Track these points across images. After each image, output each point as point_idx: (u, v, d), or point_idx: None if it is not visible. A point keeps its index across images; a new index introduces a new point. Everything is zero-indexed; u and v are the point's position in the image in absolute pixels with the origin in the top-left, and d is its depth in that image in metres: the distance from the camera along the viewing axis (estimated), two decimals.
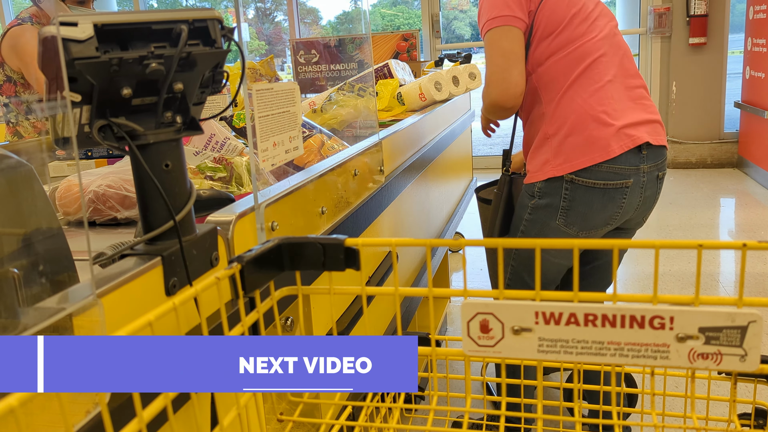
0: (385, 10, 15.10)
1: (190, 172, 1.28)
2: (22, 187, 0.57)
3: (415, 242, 0.57)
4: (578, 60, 1.50)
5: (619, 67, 1.54)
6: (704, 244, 0.49)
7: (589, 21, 1.52)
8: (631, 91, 1.54)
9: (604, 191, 1.48)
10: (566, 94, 1.50)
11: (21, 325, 0.48)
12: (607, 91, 1.49)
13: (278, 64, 5.60)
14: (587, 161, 1.46)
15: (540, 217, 1.57)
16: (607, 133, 1.46)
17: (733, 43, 5.81)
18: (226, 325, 0.54)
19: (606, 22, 1.57)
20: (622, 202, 1.50)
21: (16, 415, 0.32)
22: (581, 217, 1.51)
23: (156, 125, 0.63)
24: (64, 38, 0.53)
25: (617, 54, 1.55)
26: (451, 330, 2.87)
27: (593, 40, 1.51)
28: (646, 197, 1.54)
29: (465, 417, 0.70)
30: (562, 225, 1.54)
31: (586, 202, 1.49)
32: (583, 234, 1.54)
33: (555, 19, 1.50)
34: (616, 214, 1.52)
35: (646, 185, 1.52)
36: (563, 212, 1.52)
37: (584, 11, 1.52)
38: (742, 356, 0.48)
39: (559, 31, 1.50)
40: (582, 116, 1.48)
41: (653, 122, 1.54)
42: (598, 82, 1.49)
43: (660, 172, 1.55)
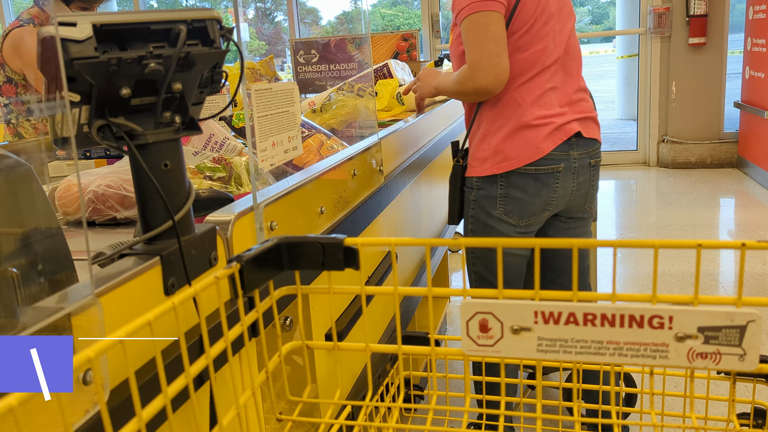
0: (385, 10, 15.10)
1: (189, 172, 1.28)
2: (21, 187, 0.57)
3: (415, 242, 0.57)
4: (530, 66, 1.56)
5: (564, 72, 1.61)
6: (703, 244, 0.49)
7: (547, 27, 1.56)
8: (572, 95, 1.63)
9: (536, 177, 1.56)
10: (513, 97, 1.57)
11: (20, 324, 0.48)
12: (549, 98, 1.57)
13: (278, 64, 5.60)
14: (523, 160, 1.55)
15: (482, 211, 1.63)
16: (542, 134, 1.55)
17: (733, 43, 5.81)
18: (225, 324, 0.54)
19: (563, 25, 1.60)
20: (556, 186, 1.58)
21: (15, 415, 0.32)
22: (519, 205, 1.58)
23: (155, 125, 0.63)
24: (63, 38, 0.53)
25: (564, 58, 1.61)
26: (450, 330, 2.87)
27: (546, 48, 1.56)
28: (579, 183, 1.61)
29: (464, 417, 0.70)
30: (502, 214, 1.60)
31: (521, 188, 1.57)
32: (523, 222, 1.61)
33: (522, 19, 1.53)
34: (552, 199, 1.59)
35: (578, 171, 1.60)
36: (501, 201, 1.59)
37: (546, 14, 1.55)
38: (741, 356, 0.48)
39: (523, 33, 1.54)
40: (521, 120, 1.55)
41: (586, 119, 1.63)
42: (542, 88, 1.56)
43: (592, 159, 1.63)
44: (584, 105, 1.65)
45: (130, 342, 0.60)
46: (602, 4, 38.46)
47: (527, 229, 1.62)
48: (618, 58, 8.65)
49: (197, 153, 1.34)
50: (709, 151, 5.69)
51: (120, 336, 0.40)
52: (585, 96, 1.66)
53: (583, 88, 1.67)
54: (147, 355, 0.63)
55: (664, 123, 5.81)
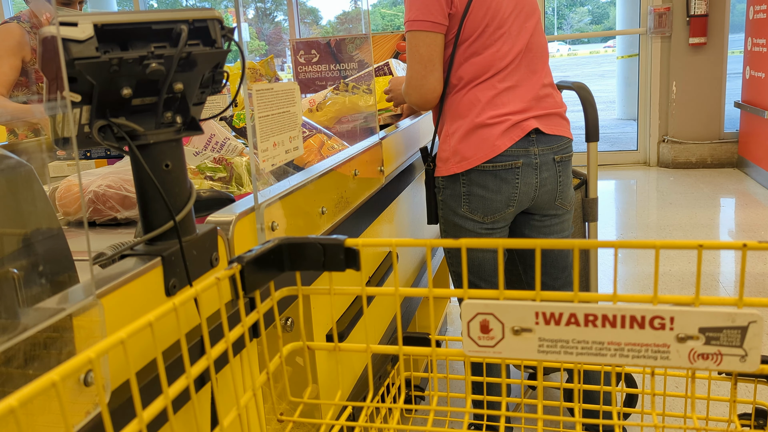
0: (385, 10, 15.09)
1: (190, 172, 1.28)
2: (22, 188, 0.57)
3: (415, 242, 0.57)
4: (484, 69, 1.58)
5: (527, 70, 1.63)
6: (704, 245, 0.49)
7: (502, 29, 1.58)
8: (538, 91, 1.64)
9: (495, 173, 1.58)
10: (469, 99, 1.59)
11: (21, 325, 0.48)
12: (506, 97, 1.59)
13: (278, 64, 5.61)
14: (480, 159, 1.57)
15: (449, 210, 1.66)
16: (498, 132, 1.57)
17: (733, 43, 5.81)
18: (226, 325, 0.54)
19: (522, 25, 1.62)
20: (516, 182, 1.59)
21: (16, 415, 0.32)
22: (482, 202, 1.60)
23: (156, 125, 0.63)
24: (64, 38, 0.53)
25: (526, 58, 1.63)
26: (451, 330, 2.87)
27: (501, 50, 1.58)
28: (543, 178, 1.62)
29: (465, 417, 0.70)
30: (467, 212, 1.62)
31: (482, 185, 1.59)
32: (489, 219, 1.62)
33: (471, 26, 1.56)
34: (514, 194, 1.60)
35: (541, 167, 1.61)
36: (465, 198, 1.61)
37: (499, 18, 1.57)
38: (743, 356, 0.48)
39: (474, 38, 1.57)
40: (475, 121, 1.58)
41: (550, 115, 1.64)
42: (497, 89, 1.59)
43: (556, 156, 1.64)
44: (549, 101, 1.66)
45: (131, 343, 0.60)
46: (602, 4, 38.44)
47: (494, 225, 1.64)
48: (618, 58, 8.65)
49: (198, 153, 1.35)
50: (710, 151, 5.69)
51: (121, 337, 0.40)
52: (551, 91, 1.68)
53: (548, 83, 1.68)
54: (148, 356, 0.63)
55: (664, 123, 5.81)
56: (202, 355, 0.52)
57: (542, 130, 1.60)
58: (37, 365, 0.48)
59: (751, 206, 4.44)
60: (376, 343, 1.41)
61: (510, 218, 1.66)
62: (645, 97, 5.89)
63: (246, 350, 0.69)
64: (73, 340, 0.51)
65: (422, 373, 0.83)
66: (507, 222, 1.66)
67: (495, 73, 1.59)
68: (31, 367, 0.48)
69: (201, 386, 0.70)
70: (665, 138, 5.82)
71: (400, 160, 1.69)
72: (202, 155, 1.34)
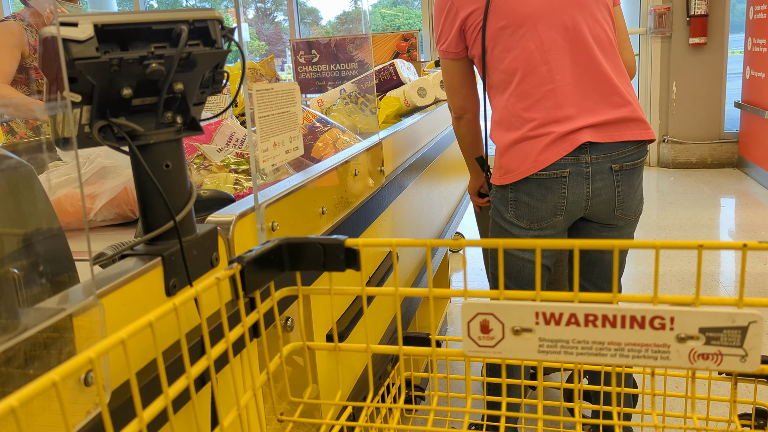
0: (385, 10, 15.10)
1: (215, 167, 1.32)
2: (22, 188, 0.57)
3: (416, 242, 0.57)
4: (510, 73, 1.53)
5: (573, 67, 1.50)
6: (704, 245, 0.49)
7: (521, 30, 1.49)
8: (588, 92, 1.51)
9: (540, 182, 1.53)
10: (505, 107, 1.56)
11: (21, 325, 0.48)
12: (548, 101, 1.49)
13: (278, 65, 5.61)
14: (522, 173, 1.53)
15: (498, 214, 1.64)
16: (541, 143, 1.50)
17: (733, 43, 5.81)
18: (226, 325, 0.54)
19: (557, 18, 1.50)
20: (563, 192, 1.52)
21: (16, 415, 0.32)
22: (528, 209, 1.57)
23: (156, 125, 0.63)
24: (65, 38, 0.53)
25: (571, 53, 1.50)
26: (451, 330, 2.87)
27: (526, 51, 1.50)
28: (596, 188, 1.52)
29: (465, 417, 0.70)
30: (514, 218, 1.60)
31: (528, 193, 1.55)
32: (535, 226, 1.58)
33: (491, 31, 1.53)
34: (560, 204, 1.54)
35: (593, 176, 1.51)
36: (512, 204, 1.59)
37: (516, 20, 1.49)
38: (743, 357, 0.48)
39: (495, 43, 1.54)
40: (518, 130, 1.53)
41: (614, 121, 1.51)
42: (536, 94, 1.50)
43: (614, 164, 1.52)
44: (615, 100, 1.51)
45: (132, 343, 0.60)
46: None
47: (542, 232, 1.57)
48: None
49: (221, 150, 1.39)
50: (710, 151, 5.69)
51: (121, 337, 0.40)
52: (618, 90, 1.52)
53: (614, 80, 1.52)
54: (148, 356, 0.63)
55: (664, 123, 5.81)
56: (203, 355, 0.52)
57: (597, 141, 1.48)
58: (38, 365, 0.48)
59: (751, 206, 4.43)
60: (376, 343, 1.41)
61: (562, 225, 1.59)
62: (645, 97, 5.89)
63: (246, 350, 0.69)
64: (74, 340, 0.51)
65: (422, 373, 0.83)
66: (558, 229, 1.58)
67: (524, 77, 1.51)
68: (31, 367, 0.48)
69: (201, 386, 0.70)
70: (665, 138, 5.82)
71: (401, 160, 1.69)
72: (224, 151, 1.39)
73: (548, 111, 1.49)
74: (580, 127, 1.48)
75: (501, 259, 0.54)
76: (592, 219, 1.60)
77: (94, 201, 1.19)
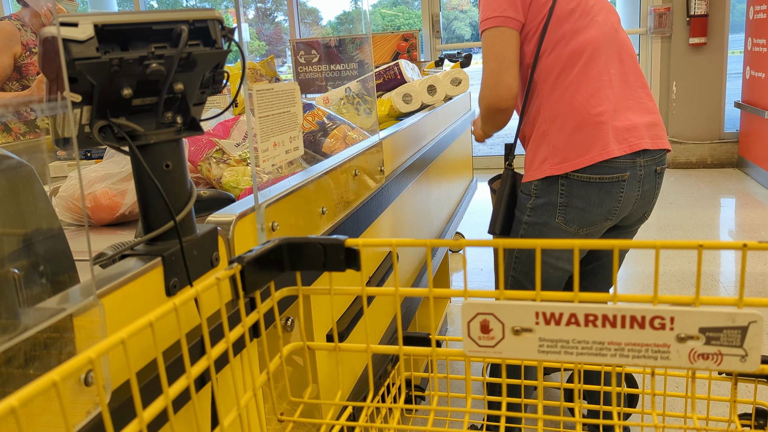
0: (385, 11, 15.11)
1: (233, 161, 1.35)
2: (22, 188, 0.57)
3: (416, 242, 0.57)
4: (576, 55, 1.48)
5: (620, 66, 1.53)
6: (705, 245, 0.49)
7: (589, 16, 1.50)
8: (632, 91, 1.53)
9: (601, 185, 1.47)
10: (567, 90, 1.49)
11: (21, 325, 0.48)
12: (607, 90, 1.48)
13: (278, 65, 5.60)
14: (586, 161, 1.46)
15: (539, 218, 1.56)
16: (606, 132, 1.46)
17: (733, 43, 5.81)
18: (226, 325, 0.54)
19: (606, 17, 1.54)
20: (620, 196, 1.49)
21: (16, 415, 0.32)
22: (580, 213, 1.50)
23: (156, 125, 0.63)
24: (65, 39, 0.53)
25: (618, 52, 1.53)
26: (451, 330, 2.87)
27: (593, 37, 1.49)
28: (644, 191, 1.53)
29: (465, 417, 0.70)
30: (561, 223, 1.53)
31: (583, 197, 1.49)
32: (583, 231, 1.53)
33: (560, 7, 1.49)
34: (615, 208, 1.51)
35: (644, 179, 1.52)
36: (561, 209, 1.51)
37: (584, 6, 1.51)
38: (743, 356, 0.48)
39: (562, 21, 1.49)
40: (581, 115, 1.47)
41: (653, 125, 1.54)
42: (598, 80, 1.48)
43: (658, 167, 1.54)
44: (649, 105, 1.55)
45: (132, 343, 0.60)
46: None
47: (586, 238, 1.52)
48: None
49: (238, 145, 1.41)
50: (710, 151, 5.69)
51: (121, 337, 0.40)
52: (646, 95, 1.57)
53: (644, 85, 1.57)
54: (148, 356, 0.63)
55: (664, 123, 5.81)
56: (203, 355, 0.52)
57: (649, 148, 1.50)
58: (38, 365, 0.48)
59: (751, 206, 4.43)
60: (376, 343, 1.41)
61: (604, 230, 1.56)
62: None
63: (246, 350, 0.69)
64: (74, 340, 0.51)
65: (422, 373, 0.83)
66: (599, 234, 1.57)
67: (588, 61, 1.48)
68: (31, 367, 0.48)
69: (201, 386, 0.70)
70: None
71: (401, 160, 1.69)
72: (242, 146, 1.41)
73: (609, 102, 1.48)
74: (632, 125, 1.49)
75: (501, 260, 0.54)
76: (623, 222, 1.60)
77: (125, 196, 1.23)
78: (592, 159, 1.46)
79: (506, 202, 1.63)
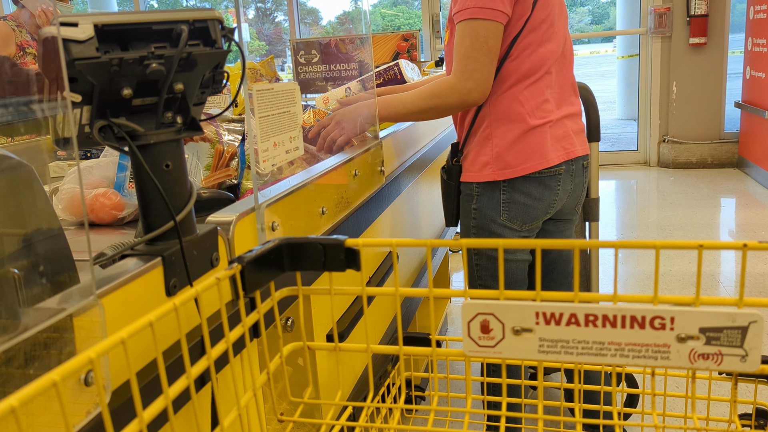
0: (385, 10, 15.10)
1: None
2: (22, 188, 0.57)
3: (416, 243, 0.57)
4: (535, 69, 1.51)
5: (564, 75, 1.60)
6: (705, 245, 0.49)
7: (553, 28, 1.52)
8: (569, 98, 1.61)
9: (540, 180, 1.53)
10: (516, 98, 1.51)
11: (21, 325, 0.48)
12: (550, 104, 1.54)
13: (278, 65, 5.61)
14: (527, 169, 1.51)
15: (485, 218, 1.59)
16: (546, 142, 1.52)
17: (734, 43, 5.81)
18: (226, 325, 0.54)
19: (563, 25, 1.58)
20: (558, 189, 1.56)
21: (16, 415, 0.32)
22: (522, 209, 1.55)
23: (156, 125, 0.63)
24: (65, 39, 0.53)
25: (563, 60, 1.59)
26: (451, 330, 2.87)
27: (551, 51, 1.52)
28: (575, 184, 1.61)
29: (465, 417, 0.70)
30: (506, 221, 1.57)
31: (525, 192, 1.53)
32: (526, 227, 1.58)
33: (536, 16, 1.48)
34: (554, 201, 1.57)
35: (575, 173, 1.60)
36: (505, 206, 1.55)
37: (552, 16, 1.51)
38: (743, 356, 0.48)
39: (532, 31, 1.49)
40: (526, 125, 1.51)
41: (581, 131, 1.64)
42: (545, 93, 1.53)
43: (585, 162, 1.63)
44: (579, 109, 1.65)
45: (132, 343, 0.60)
46: (602, 4, 38.43)
47: (529, 233, 1.59)
48: (618, 58, 8.65)
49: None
50: (710, 151, 5.69)
51: (121, 337, 0.40)
52: (577, 99, 1.65)
53: (574, 88, 1.64)
54: (148, 356, 0.63)
55: (664, 123, 5.81)
56: (203, 355, 0.52)
57: (581, 154, 1.59)
58: (38, 365, 0.48)
59: (751, 206, 4.43)
60: (376, 343, 1.41)
61: (541, 225, 1.62)
62: (645, 97, 5.89)
63: (246, 350, 0.69)
64: (74, 340, 0.51)
65: (422, 373, 0.83)
66: (539, 228, 1.62)
67: (544, 75, 1.51)
68: (31, 367, 0.48)
69: (201, 386, 0.70)
70: (665, 138, 5.82)
71: (401, 160, 1.69)
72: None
73: (552, 114, 1.54)
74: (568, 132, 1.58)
75: (501, 260, 0.54)
76: (555, 215, 1.66)
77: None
78: (532, 167, 1.52)
79: (456, 196, 1.65)
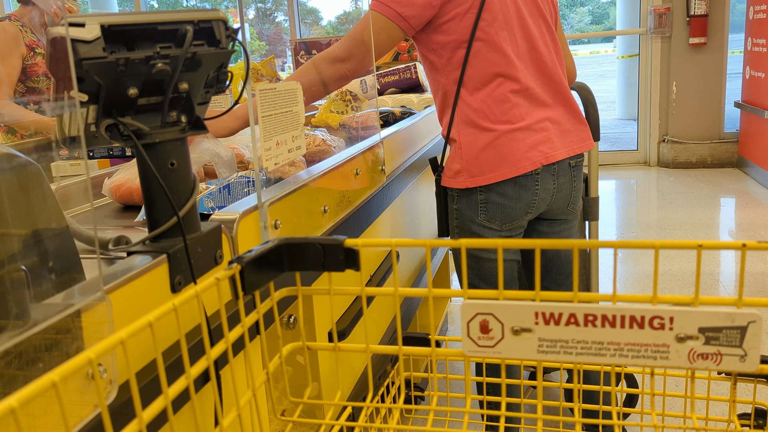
0: None
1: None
2: (31, 186, 0.57)
3: (415, 243, 0.57)
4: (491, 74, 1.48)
5: (541, 75, 1.54)
6: (704, 245, 0.49)
7: (507, 32, 1.48)
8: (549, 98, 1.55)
9: (515, 180, 1.50)
10: (480, 107, 1.49)
11: (30, 321, 0.48)
12: (521, 108, 1.49)
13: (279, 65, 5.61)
14: (497, 177, 1.49)
15: (465, 219, 1.58)
16: (519, 148, 1.48)
17: (733, 43, 5.81)
18: (226, 325, 0.54)
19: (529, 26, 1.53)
20: (536, 188, 1.53)
21: (16, 416, 0.32)
22: (500, 210, 1.54)
23: (161, 124, 0.64)
24: (72, 39, 0.53)
25: (538, 62, 1.54)
26: (451, 330, 2.88)
27: (507, 54, 1.48)
28: (559, 184, 1.57)
29: (465, 417, 0.70)
30: (485, 221, 1.56)
31: (500, 193, 1.52)
32: (506, 227, 1.56)
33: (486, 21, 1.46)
34: (533, 201, 1.54)
35: (558, 172, 1.56)
36: (482, 207, 1.54)
37: (504, 16, 1.48)
38: (742, 356, 0.48)
39: (483, 34, 1.46)
40: (494, 133, 1.48)
41: (568, 132, 1.57)
42: (509, 100, 1.48)
43: (572, 161, 1.59)
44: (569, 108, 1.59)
45: (132, 343, 0.60)
46: (602, 4, 38.40)
47: (511, 233, 1.58)
48: (618, 58, 8.65)
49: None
50: (710, 150, 5.69)
51: (120, 337, 0.40)
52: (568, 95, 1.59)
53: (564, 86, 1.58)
54: (148, 356, 0.63)
55: (664, 123, 5.82)
56: (203, 355, 0.53)
57: (565, 156, 1.54)
58: (46, 361, 0.49)
59: (751, 206, 4.44)
60: (376, 343, 1.42)
61: (526, 224, 1.60)
62: (645, 97, 5.89)
63: (246, 350, 0.70)
64: (82, 335, 0.52)
65: (422, 373, 0.84)
66: (523, 228, 1.60)
67: (504, 80, 1.48)
68: (41, 362, 0.48)
69: (201, 386, 0.71)
70: (665, 138, 5.82)
71: (402, 159, 1.69)
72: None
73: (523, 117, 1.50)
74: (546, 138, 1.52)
75: (501, 260, 0.55)
76: (546, 215, 1.65)
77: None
78: (502, 176, 1.49)
79: (444, 209, 1.65)
